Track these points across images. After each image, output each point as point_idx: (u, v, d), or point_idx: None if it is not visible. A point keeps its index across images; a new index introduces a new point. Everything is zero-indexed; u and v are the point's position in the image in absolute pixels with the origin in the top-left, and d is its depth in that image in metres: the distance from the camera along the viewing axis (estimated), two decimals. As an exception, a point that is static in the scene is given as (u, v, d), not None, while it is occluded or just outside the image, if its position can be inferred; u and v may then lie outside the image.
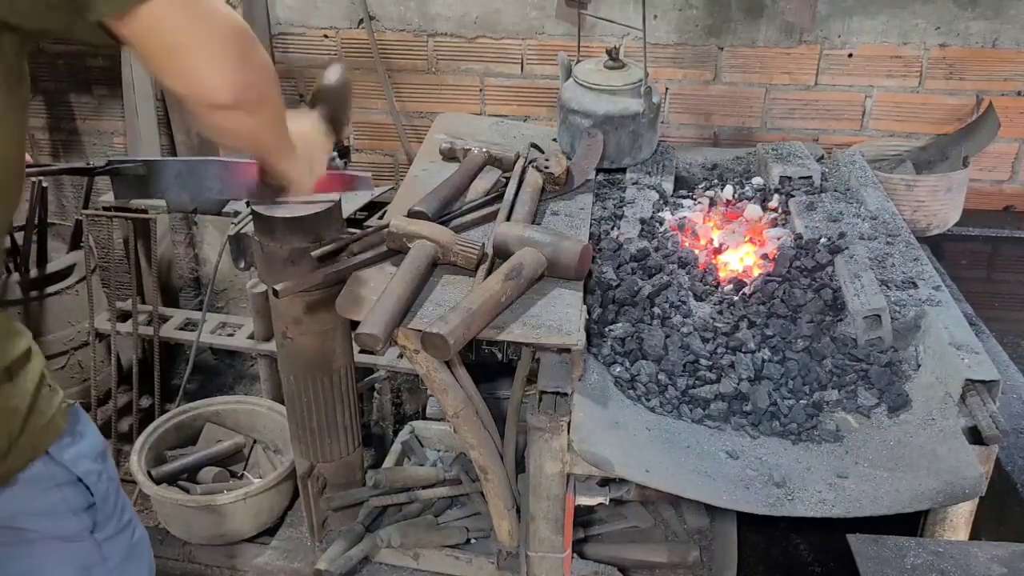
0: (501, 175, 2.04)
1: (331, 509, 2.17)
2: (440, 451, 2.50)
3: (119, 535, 1.46)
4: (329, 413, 2.05)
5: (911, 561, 1.34)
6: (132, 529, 1.50)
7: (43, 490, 1.32)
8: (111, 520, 1.43)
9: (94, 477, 1.37)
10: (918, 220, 2.40)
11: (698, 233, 2.02)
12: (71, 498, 1.36)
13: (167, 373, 3.12)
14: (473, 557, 2.07)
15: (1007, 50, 2.70)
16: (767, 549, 2.22)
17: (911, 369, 1.67)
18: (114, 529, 1.44)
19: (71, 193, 3.51)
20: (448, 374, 1.63)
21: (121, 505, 1.47)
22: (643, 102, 2.12)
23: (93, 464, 1.38)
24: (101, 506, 1.40)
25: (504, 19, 2.89)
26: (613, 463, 1.45)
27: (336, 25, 3.00)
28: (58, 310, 2.92)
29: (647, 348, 1.65)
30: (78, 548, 1.40)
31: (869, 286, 1.75)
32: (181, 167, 1.66)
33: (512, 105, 3.01)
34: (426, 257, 1.65)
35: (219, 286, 3.31)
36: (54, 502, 1.34)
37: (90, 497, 1.38)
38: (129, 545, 1.48)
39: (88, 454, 1.37)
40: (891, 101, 2.83)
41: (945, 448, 1.50)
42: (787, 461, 1.53)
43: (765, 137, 2.88)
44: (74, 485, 1.35)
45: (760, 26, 2.77)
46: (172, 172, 1.66)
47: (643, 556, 2.11)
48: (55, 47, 3.23)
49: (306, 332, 1.94)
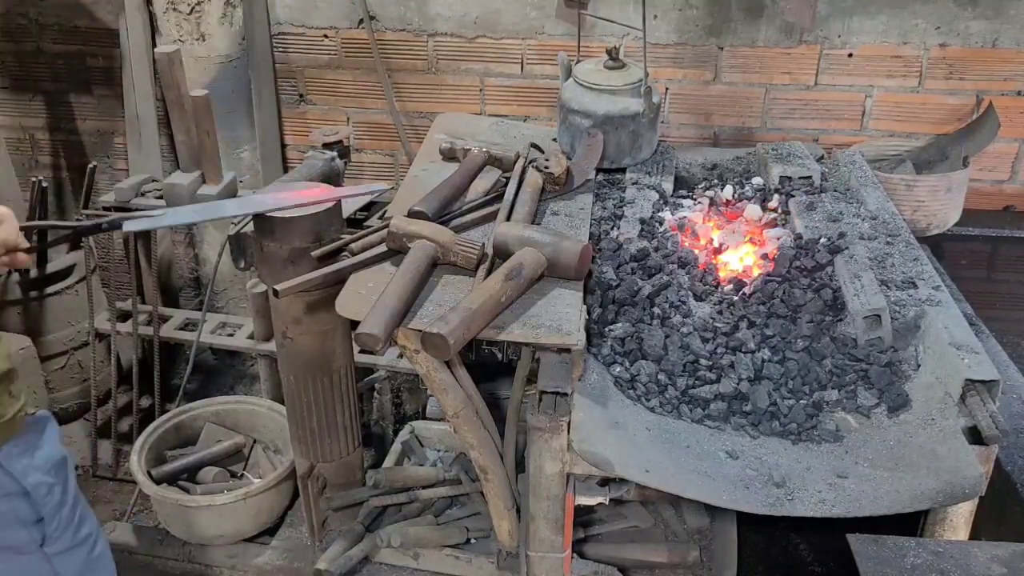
0: (501, 175, 2.04)
1: (331, 509, 2.17)
2: (440, 451, 2.50)
3: (74, 550, 1.43)
4: (329, 413, 2.05)
5: (911, 561, 1.34)
6: (91, 544, 1.47)
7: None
8: (64, 534, 1.41)
9: (43, 490, 1.36)
10: (918, 220, 2.40)
11: (698, 233, 2.02)
12: (19, 509, 1.34)
13: (167, 373, 3.12)
14: (473, 557, 2.07)
15: (1007, 50, 2.70)
16: (767, 549, 2.22)
17: (911, 369, 1.67)
18: (68, 544, 1.42)
19: (71, 193, 3.51)
20: (448, 374, 1.63)
21: (78, 519, 1.45)
22: (643, 102, 2.12)
23: (44, 476, 1.36)
24: (51, 519, 1.38)
25: (504, 19, 2.89)
26: (613, 463, 1.45)
27: (336, 25, 3.00)
28: (58, 310, 2.92)
29: (647, 348, 1.65)
30: (27, 561, 1.38)
31: (869, 286, 1.75)
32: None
33: (512, 105, 3.01)
34: (426, 257, 1.65)
35: (219, 286, 3.31)
36: (2, 512, 1.33)
37: (39, 511, 1.36)
38: (86, 561, 1.46)
39: (40, 467, 1.35)
40: (891, 101, 2.83)
41: (945, 448, 1.50)
42: (787, 461, 1.53)
43: (765, 137, 2.88)
44: (22, 497, 1.34)
45: (760, 26, 2.77)
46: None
47: (643, 556, 2.11)
48: (55, 47, 3.24)
49: (306, 332, 1.94)
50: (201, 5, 2.94)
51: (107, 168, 3.39)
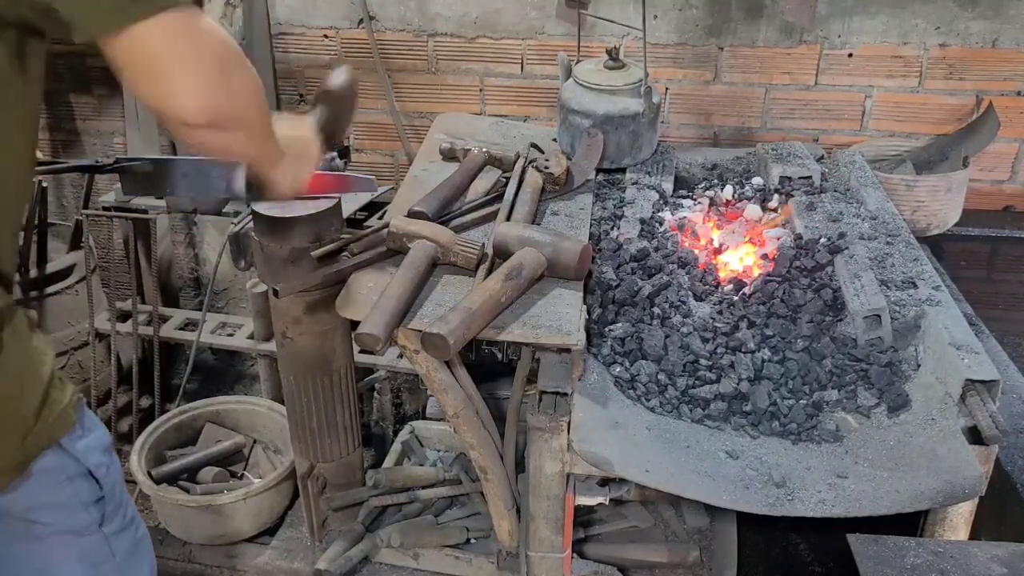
0: (501, 175, 2.04)
1: (331, 509, 2.17)
2: (440, 451, 2.50)
3: (125, 531, 1.46)
4: (329, 413, 2.05)
5: (911, 561, 1.34)
6: (136, 526, 1.50)
7: (55, 482, 1.33)
8: (117, 515, 1.44)
9: (103, 470, 1.38)
10: (918, 220, 2.40)
11: (698, 233, 2.02)
12: (82, 491, 1.36)
13: (167, 373, 3.12)
14: (473, 557, 2.07)
15: (1007, 50, 2.70)
16: (767, 549, 2.22)
17: (911, 369, 1.67)
18: (120, 524, 1.45)
19: (71, 193, 3.51)
20: (448, 374, 1.63)
21: (126, 501, 1.48)
22: (643, 102, 2.12)
23: (102, 457, 1.39)
24: (109, 499, 1.41)
25: (504, 19, 2.89)
26: (613, 463, 1.45)
27: (336, 25, 3.00)
28: (58, 310, 2.92)
29: (647, 348, 1.65)
30: (87, 542, 1.40)
31: (869, 286, 1.75)
32: (187, 166, 1.67)
33: (512, 105, 3.01)
34: (426, 257, 1.65)
35: (219, 286, 3.31)
36: (66, 495, 1.35)
37: (99, 490, 1.38)
38: (134, 541, 1.49)
39: (97, 447, 1.38)
40: (891, 101, 2.83)
41: (945, 448, 1.50)
42: (787, 461, 1.53)
43: (765, 137, 2.88)
44: (84, 478, 1.35)
45: (760, 26, 2.77)
46: (179, 171, 1.67)
47: (643, 556, 2.11)
48: (55, 47, 3.22)
49: (306, 332, 1.94)
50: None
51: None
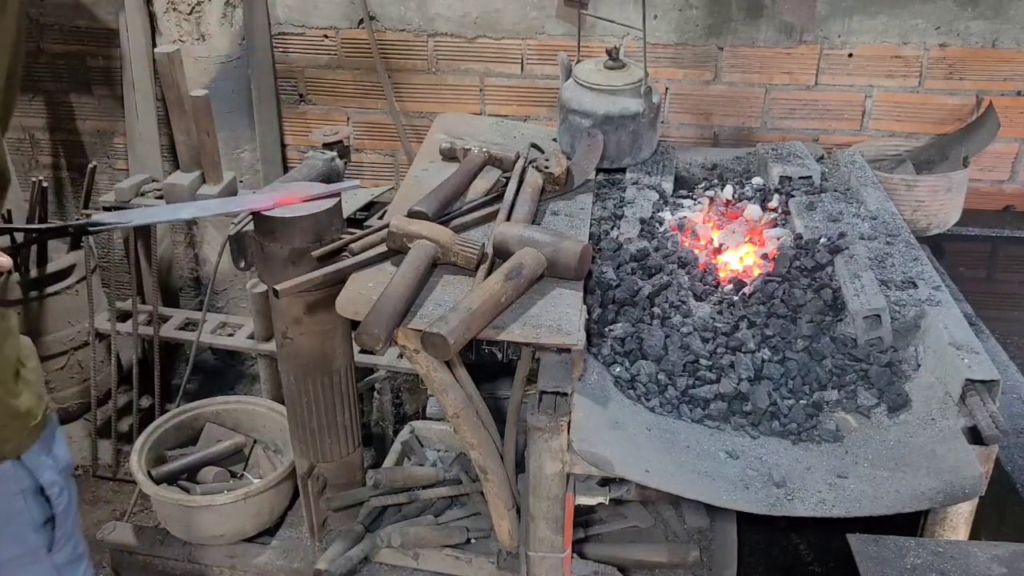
0: (501, 175, 2.04)
1: (331, 509, 2.17)
2: (440, 451, 2.50)
3: (75, 564, 1.43)
4: (329, 413, 2.05)
5: (911, 561, 1.34)
6: (85, 564, 1.47)
7: (9, 493, 1.30)
8: (68, 544, 1.40)
9: (56, 490, 1.35)
10: (918, 220, 2.40)
11: (698, 233, 2.02)
12: (32, 508, 1.33)
13: (167, 373, 3.12)
14: (473, 557, 2.07)
15: (1007, 50, 2.70)
16: (767, 549, 2.22)
17: (911, 369, 1.67)
18: (70, 556, 1.41)
19: (71, 193, 3.51)
20: (448, 374, 1.63)
21: (77, 536, 1.44)
22: (643, 102, 2.12)
23: (58, 476, 1.35)
24: (60, 524, 1.37)
25: (504, 19, 2.89)
26: (613, 463, 1.45)
27: (336, 25, 3.00)
28: (58, 310, 2.92)
29: (647, 348, 1.65)
30: (37, 571, 1.38)
31: (869, 286, 1.75)
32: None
33: (512, 105, 3.02)
34: (426, 257, 1.65)
35: (219, 286, 3.31)
36: (16, 510, 1.31)
37: (49, 510, 1.35)
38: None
39: (54, 466, 1.35)
40: (891, 101, 2.83)
41: (945, 448, 1.50)
42: (787, 461, 1.53)
43: (765, 137, 2.88)
44: (35, 496, 1.32)
45: (760, 26, 2.77)
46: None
47: (643, 556, 2.11)
48: (55, 47, 3.24)
49: (306, 332, 1.94)
50: (201, 5, 2.94)
51: (107, 168, 3.39)
